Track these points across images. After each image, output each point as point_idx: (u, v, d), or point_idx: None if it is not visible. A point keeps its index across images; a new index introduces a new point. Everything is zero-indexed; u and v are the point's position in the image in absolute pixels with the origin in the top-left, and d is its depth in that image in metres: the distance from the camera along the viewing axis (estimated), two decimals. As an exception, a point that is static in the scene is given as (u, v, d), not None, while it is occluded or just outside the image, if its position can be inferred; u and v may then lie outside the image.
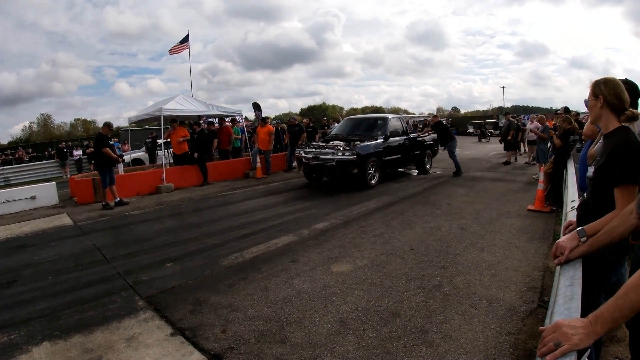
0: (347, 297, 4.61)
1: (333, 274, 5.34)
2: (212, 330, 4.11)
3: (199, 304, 4.72)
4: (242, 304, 4.61)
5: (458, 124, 47.38)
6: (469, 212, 8.28)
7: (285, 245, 6.73)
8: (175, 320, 4.38)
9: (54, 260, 6.82)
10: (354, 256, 5.98)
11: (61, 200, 12.21)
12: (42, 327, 4.53)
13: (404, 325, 3.92)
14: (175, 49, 21.12)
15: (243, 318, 4.28)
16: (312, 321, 4.12)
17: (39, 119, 76.09)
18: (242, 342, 3.82)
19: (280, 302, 4.58)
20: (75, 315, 4.75)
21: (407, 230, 7.13)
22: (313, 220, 8.24)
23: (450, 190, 10.99)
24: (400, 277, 5.09)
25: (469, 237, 6.65)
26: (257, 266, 5.80)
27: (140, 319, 4.51)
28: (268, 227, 7.87)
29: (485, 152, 22.10)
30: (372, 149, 12.11)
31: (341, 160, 11.50)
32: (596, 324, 1.43)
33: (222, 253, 6.48)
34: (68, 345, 4.09)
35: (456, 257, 5.70)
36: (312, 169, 12.90)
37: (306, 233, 7.32)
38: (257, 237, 7.25)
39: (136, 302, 4.95)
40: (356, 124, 14.30)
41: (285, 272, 5.49)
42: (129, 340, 4.07)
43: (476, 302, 4.37)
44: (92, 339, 4.16)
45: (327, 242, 6.75)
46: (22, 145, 39.62)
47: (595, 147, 3.15)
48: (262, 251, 6.46)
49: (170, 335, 4.10)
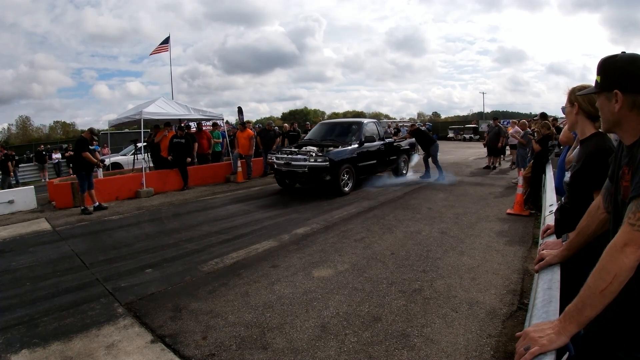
0: (328, 302, 4.62)
1: (314, 278, 5.34)
2: (192, 336, 4.08)
3: (179, 310, 4.69)
4: (222, 310, 4.59)
5: (439, 128, 47.94)
6: (449, 216, 8.34)
7: (265, 250, 6.71)
8: (155, 327, 4.35)
9: (32, 266, 6.73)
10: (335, 261, 5.99)
11: (39, 205, 12.07)
12: (21, 334, 4.46)
13: (385, 330, 3.93)
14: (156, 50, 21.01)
15: (224, 324, 4.27)
16: (293, 326, 4.11)
17: (17, 121, 75.26)
18: (223, 349, 3.80)
19: (261, 308, 4.57)
20: (54, 323, 4.68)
21: (387, 235, 7.16)
22: (294, 225, 8.24)
23: (431, 195, 11.05)
24: (381, 281, 5.11)
25: (449, 241, 6.70)
26: (237, 272, 5.78)
27: (119, 325, 4.46)
28: (248, 232, 7.85)
29: (466, 157, 22.25)
30: (345, 154, 11.67)
31: (313, 166, 11.09)
32: (565, 321, 1.47)
33: (202, 259, 6.45)
34: (47, 353, 4.04)
35: (436, 261, 5.74)
36: (284, 176, 12.43)
37: (287, 238, 7.31)
38: (237, 242, 7.23)
39: (115, 309, 4.90)
40: (330, 128, 14.03)
41: (266, 278, 5.47)
42: (108, 347, 4.03)
43: (457, 305, 4.40)
44: (72, 347, 4.11)
45: (308, 247, 6.74)
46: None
47: (573, 152, 3.19)
48: (243, 257, 6.43)
49: (151, 342, 4.07)
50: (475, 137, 40.58)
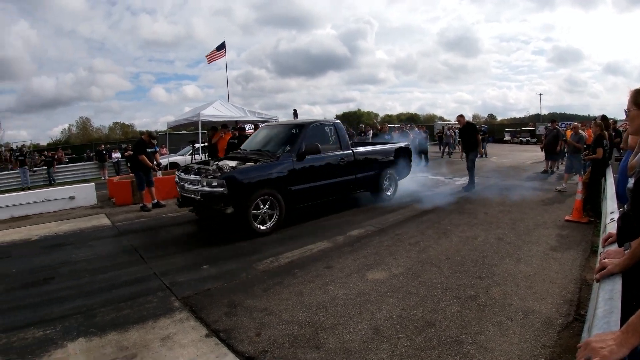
0: (382, 304, 4.59)
1: (368, 281, 5.32)
2: (246, 332, 4.15)
3: (234, 306, 4.79)
4: (276, 308, 4.65)
5: (495, 131, 46.75)
6: (506, 222, 8.14)
7: (320, 251, 6.75)
8: (210, 321, 4.46)
9: (91, 259, 7.01)
10: (389, 264, 5.95)
11: (99, 201, 12.55)
12: (78, 323, 4.68)
13: (438, 335, 3.89)
14: (213, 56, 21.48)
15: (277, 322, 4.32)
16: (346, 328, 4.12)
17: (77, 122, 78.57)
18: (276, 346, 3.85)
19: (315, 308, 4.60)
20: (112, 314, 4.88)
21: (443, 239, 7.06)
22: (348, 226, 8.23)
23: (487, 199, 10.75)
24: (435, 286, 5.05)
25: (506, 247, 6.54)
26: (292, 271, 5.84)
27: (175, 319, 4.61)
28: (303, 233, 7.91)
29: (523, 161, 21.60)
30: (261, 175, 8.05)
31: (206, 193, 7.73)
32: (628, 333, 1.42)
33: (257, 257, 6.56)
34: (103, 342, 4.21)
35: (492, 268, 5.62)
36: (185, 202, 8.72)
37: (341, 239, 7.32)
38: (292, 242, 7.29)
39: (172, 303, 5.06)
40: (267, 135, 10.25)
41: (320, 278, 5.51)
42: (164, 339, 4.16)
43: (512, 313, 4.30)
44: (128, 337, 4.27)
45: (362, 249, 6.72)
46: (61, 146, 40.78)
47: (636, 158, 3.09)
48: (297, 256, 6.50)
49: (205, 336, 4.18)
50: (533, 140, 39.29)
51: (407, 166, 11.90)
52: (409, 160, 11.94)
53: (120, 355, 3.94)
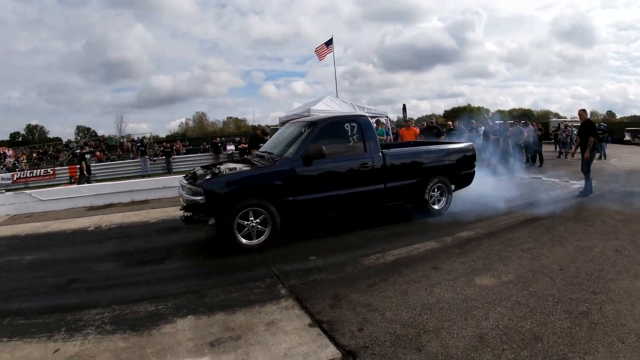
0: (488, 312, 4.47)
1: (476, 286, 5.19)
2: (349, 326, 4.23)
3: (339, 299, 4.88)
4: (380, 305, 4.68)
5: (614, 130, 42.38)
6: (625, 233, 7.52)
7: (427, 250, 6.66)
8: (314, 312, 4.60)
9: (205, 242, 7.50)
10: (498, 270, 5.74)
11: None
12: (189, 302, 5.06)
13: (545, 351, 3.74)
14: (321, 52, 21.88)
15: (380, 319, 4.36)
16: (450, 332, 4.07)
17: (194, 116, 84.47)
18: (377, 343, 3.89)
19: (419, 309, 4.57)
20: (221, 295, 5.22)
21: (557, 247, 6.67)
22: (456, 227, 8.02)
23: (605, 206, 9.88)
24: (546, 298, 4.82)
25: (624, 261, 6.06)
26: (398, 269, 5.83)
27: (281, 306, 4.82)
28: (410, 231, 7.85)
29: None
30: (246, 183, 7.12)
31: (190, 202, 7.04)
32: None
33: (364, 252, 6.61)
34: (211, 322, 4.53)
35: (608, 283, 5.26)
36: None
37: (449, 240, 7.15)
38: (399, 239, 7.26)
39: (279, 290, 5.29)
40: (283, 134, 9.24)
41: (426, 279, 5.45)
42: (268, 324, 4.37)
43: (624, 335, 4.02)
44: (234, 319, 4.55)
45: (471, 252, 6.53)
46: (179, 138, 44.69)
47: None
48: (404, 254, 6.47)
49: (309, 325, 4.32)
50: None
51: (468, 173, 9.77)
52: (470, 165, 9.80)
53: (226, 336, 4.20)
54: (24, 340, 4.56)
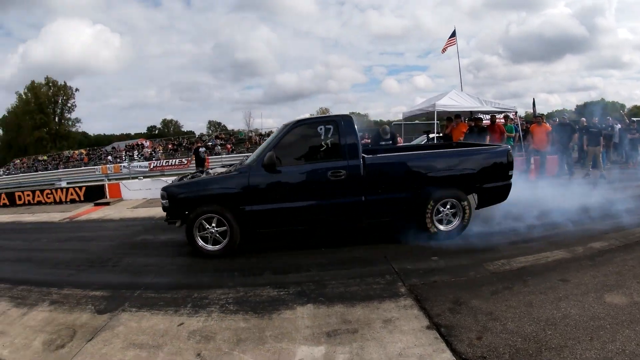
0: (616, 334, 4.01)
1: (605, 304, 4.66)
2: (467, 333, 4.10)
3: (459, 304, 4.75)
4: (502, 315, 4.46)
5: None
6: None
7: (556, 260, 6.14)
8: (433, 314, 4.51)
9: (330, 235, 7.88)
10: (631, 288, 5.05)
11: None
12: (310, 291, 5.23)
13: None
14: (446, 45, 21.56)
15: (501, 330, 4.16)
16: (572, 352, 3.74)
17: (318, 111, 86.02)
18: (495, 355, 3.72)
19: (543, 323, 4.27)
20: (341, 287, 5.33)
21: (700, 268, 5.78)
22: (588, 236, 7.13)
23: None
24: (683, 325, 4.23)
25: None
26: (523, 278, 5.48)
27: (400, 304, 4.79)
28: (537, 237, 7.22)
29: None
30: (203, 189, 7.16)
31: (162, 203, 7.29)
32: None
33: (488, 256, 6.31)
34: (329, 312, 4.64)
35: None
36: None
37: (580, 251, 6.48)
38: (525, 246, 6.78)
39: (398, 288, 5.26)
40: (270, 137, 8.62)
41: (553, 291, 5.04)
42: (385, 322, 4.37)
43: None
44: (352, 312, 4.62)
45: (604, 265, 5.84)
46: None
47: None
48: (531, 263, 6.05)
49: (426, 327, 4.25)
50: None
51: (500, 186, 7.55)
52: (502, 176, 7.53)
53: (343, 328, 4.29)
54: (152, 312, 5.03)
